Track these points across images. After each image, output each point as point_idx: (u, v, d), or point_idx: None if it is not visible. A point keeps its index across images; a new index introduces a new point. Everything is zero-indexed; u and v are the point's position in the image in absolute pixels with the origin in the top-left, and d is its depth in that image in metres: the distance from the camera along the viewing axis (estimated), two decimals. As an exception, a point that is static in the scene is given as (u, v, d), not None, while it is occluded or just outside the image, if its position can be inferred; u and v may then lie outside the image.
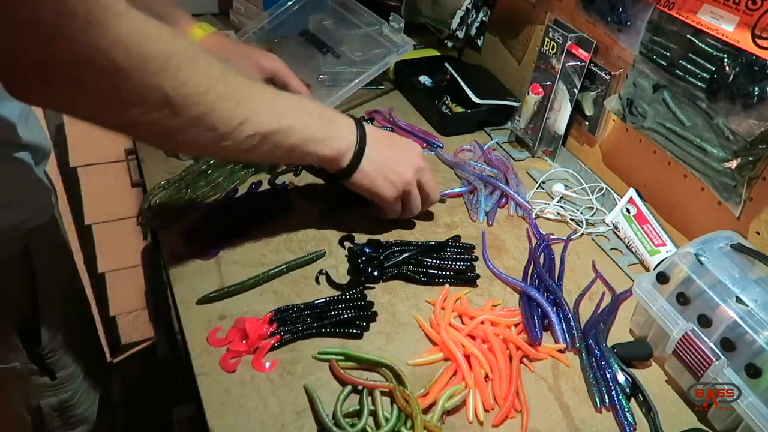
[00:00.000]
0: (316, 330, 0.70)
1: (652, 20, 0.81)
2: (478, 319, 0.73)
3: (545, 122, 1.05)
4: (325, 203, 0.90)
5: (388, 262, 0.80)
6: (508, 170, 1.02)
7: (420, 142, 1.10)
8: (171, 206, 0.86)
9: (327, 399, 0.62)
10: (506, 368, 0.68)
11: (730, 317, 0.63)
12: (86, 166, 1.60)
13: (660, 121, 0.83)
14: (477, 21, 1.23)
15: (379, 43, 1.12)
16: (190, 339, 0.68)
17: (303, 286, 0.77)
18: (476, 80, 1.17)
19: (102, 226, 1.72)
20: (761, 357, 0.59)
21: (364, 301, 0.75)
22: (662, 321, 0.68)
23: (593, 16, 0.92)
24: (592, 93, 0.98)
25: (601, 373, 0.69)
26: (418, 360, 0.69)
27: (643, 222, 0.88)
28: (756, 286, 0.64)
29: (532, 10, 1.11)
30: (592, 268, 0.86)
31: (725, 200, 0.76)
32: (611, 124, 0.97)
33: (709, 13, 0.72)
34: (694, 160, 0.79)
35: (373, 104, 1.21)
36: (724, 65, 0.71)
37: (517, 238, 0.90)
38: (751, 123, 0.69)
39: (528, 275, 0.82)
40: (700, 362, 0.63)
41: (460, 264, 0.81)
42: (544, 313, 0.75)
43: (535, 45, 1.10)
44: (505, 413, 0.64)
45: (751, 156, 0.71)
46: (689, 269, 0.68)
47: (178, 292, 0.74)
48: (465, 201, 0.96)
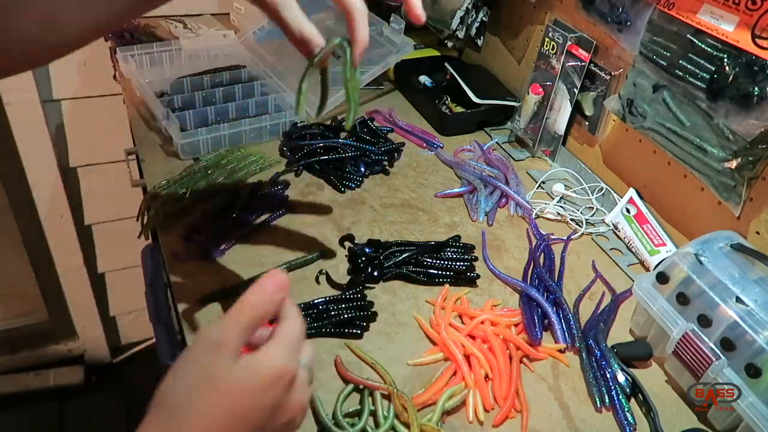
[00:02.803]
0: (316, 330, 0.70)
1: (652, 20, 0.81)
2: (478, 319, 0.73)
3: (545, 122, 1.05)
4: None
5: (388, 262, 0.80)
6: (508, 170, 1.02)
7: (420, 142, 1.10)
8: (171, 206, 0.86)
9: (327, 399, 0.62)
10: (506, 368, 0.68)
11: (730, 317, 0.63)
12: (86, 166, 1.61)
13: (660, 121, 0.83)
14: (477, 21, 1.23)
15: (380, 44, 1.11)
16: (190, 339, 0.68)
17: (303, 286, 0.77)
18: (476, 80, 1.17)
19: (102, 226, 1.72)
20: (761, 357, 0.59)
21: (364, 301, 0.75)
22: (662, 321, 0.68)
23: (593, 16, 0.92)
24: (592, 93, 0.98)
25: (601, 373, 0.69)
26: (418, 360, 0.69)
27: (643, 222, 0.88)
28: (756, 286, 0.64)
29: (532, 10, 1.11)
30: (592, 268, 0.86)
31: (725, 200, 0.76)
32: (611, 124, 0.97)
33: (709, 13, 0.72)
34: (694, 160, 0.79)
35: (373, 104, 1.21)
36: (724, 65, 0.71)
37: (517, 238, 0.90)
38: (751, 123, 0.69)
39: (528, 275, 0.82)
40: (700, 362, 0.63)
41: (460, 264, 0.81)
42: (544, 313, 0.75)
43: (535, 45, 1.10)
44: (505, 413, 0.64)
45: (751, 156, 0.71)
46: (689, 269, 0.68)
47: (178, 292, 0.74)
48: (465, 201, 0.96)
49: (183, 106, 1.02)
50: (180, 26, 1.34)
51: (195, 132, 0.95)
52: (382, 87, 1.27)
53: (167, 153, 0.98)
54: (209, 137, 0.97)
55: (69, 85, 1.48)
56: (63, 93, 1.48)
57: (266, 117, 1.02)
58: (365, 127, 1.07)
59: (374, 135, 1.06)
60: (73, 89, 1.48)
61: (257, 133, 1.02)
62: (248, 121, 1.00)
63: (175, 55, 1.16)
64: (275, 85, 1.09)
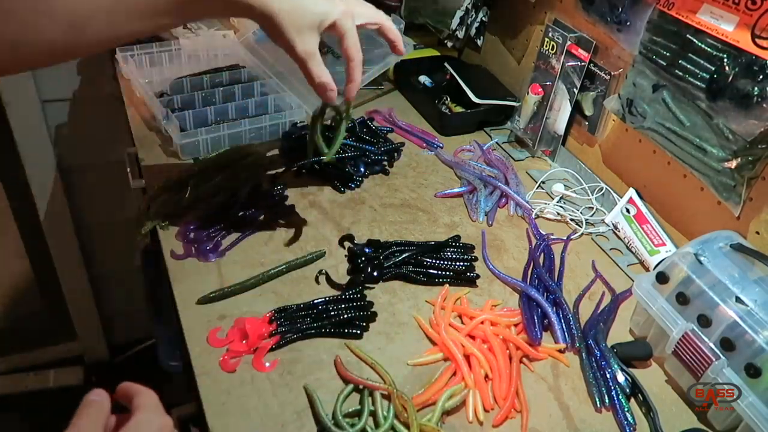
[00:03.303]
0: (315, 330, 0.70)
1: (652, 20, 0.81)
2: (478, 319, 0.73)
3: (545, 122, 1.05)
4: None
5: (388, 262, 0.80)
6: (508, 170, 1.02)
7: (419, 142, 1.10)
8: (171, 206, 0.86)
9: (327, 399, 0.62)
10: (506, 368, 0.68)
11: (729, 317, 0.63)
12: (86, 166, 1.61)
13: (660, 121, 0.83)
14: (477, 21, 1.23)
15: (380, 44, 1.11)
16: (190, 339, 0.68)
17: (303, 286, 0.77)
18: (476, 80, 1.17)
19: (102, 226, 1.72)
20: (761, 357, 0.59)
21: (364, 301, 0.75)
22: (662, 321, 0.68)
23: (593, 16, 0.92)
24: (592, 93, 0.98)
25: (601, 373, 0.69)
26: (418, 360, 0.69)
27: (642, 222, 0.88)
28: (756, 286, 0.64)
29: (532, 10, 1.11)
30: (591, 268, 0.86)
31: (725, 200, 0.76)
32: (611, 124, 0.97)
33: (709, 13, 0.72)
34: (694, 160, 0.79)
35: (373, 104, 1.21)
36: (724, 65, 0.71)
37: (517, 238, 0.90)
38: (751, 123, 0.69)
39: (528, 275, 0.82)
40: (700, 362, 0.63)
41: (460, 264, 0.81)
42: (544, 313, 0.75)
43: (535, 45, 1.10)
44: (505, 413, 0.64)
45: (751, 156, 0.71)
46: (689, 269, 0.68)
47: (178, 292, 0.74)
48: (465, 201, 0.96)
49: (183, 106, 1.02)
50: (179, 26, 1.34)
51: (195, 132, 0.95)
52: (381, 87, 1.27)
53: (167, 153, 0.98)
54: (209, 137, 0.97)
55: (69, 85, 1.48)
56: (63, 93, 1.48)
57: (266, 117, 1.02)
58: (365, 127, 1.07)
59: (374, 135, 1.06)
60: (73, 89, 1.49)
61: (257, 133, 1.02)
62: (248, 121, 1.00)
63: (174, 55, 1.16)
64: (275, 85, 1.09)
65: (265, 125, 1.02)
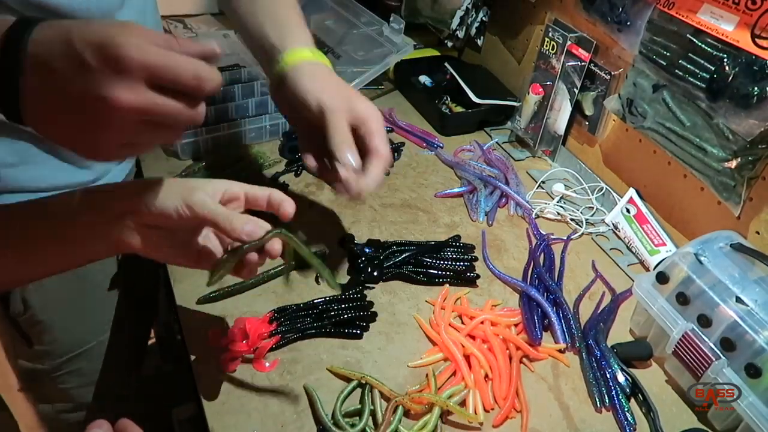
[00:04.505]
0: (316, 330, 0.70)
1: (652, 20, 0.81)
2: (478, 319, 0.72)
3: (545, 122, 1.05)
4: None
5: (388, 262, 0.80)
6: (508, 170, 1.02)
7: (420, 142, 1.10)
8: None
9: (327, 399, 0.62)
10: (506, 368, 0.68)
11: (730, 317, 0.63)
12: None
13: (660, 121, 0.83)
14: (477, 21, 1.23)
15: (379, 44, 1.12)
16: (189, 339, 0.69)
17: (303, 286, 0.77)
18: (476, 80, 1.17)
19: (102, 226, 1.71)
20: (761, 357, 0.59)
21: (364, 301, 0.75)
22: (662, 321, 0.68)
23: (593, 16, 0.92)
24: (592, 93, 0.98)
25: (601, 373, 0.69)
26: (419, 362, 0.69)
27: (643, 222, 0.88)
28: (756, 286, 0.64)
29: (532, 10, 1.11)
30: (592, 268, 0.86)
31: (725, 200, 0.76)
32: (611, 124, 0.97)
33: (709, 12, 0.72)
34: (694, 160, 0.79)
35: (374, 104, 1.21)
36: (724, 65, 0.71)
37: (517, 238, 0.90)
38: (751, 123, 0.69)
39: (528, 275, 0.82)
40: (700, 362, 0.63)
41: (460, 264, 0.81)
42: (544, 313, 0.75)
43: (535, 45, 1.10)
44: (505, 413, 0.64)
45: (751, 156, 0.71)
46: (689, 269, 0.68)
47: (178, 292, 0.74)
48: (465, 201, 0.96)
49: (183, 106, 1.02)
50: (180, 26, 1.34)
51: (195, 132, 0.95)
52: (382, 87, 1.27)
53: (167, 153, 0.98)
54: (209, 137, 0.97)
55: (69, 85, 1.47)
56: (63, 93, 1.48)
57: (266, 117, 1.02)
58: (365, 127, 1.07)
59: (374, 135, 1.05)
60: (73, 89, 1.48)
61: (257, 133, 1.02)
62: (248, 121, 1.00)
63: (174, 55, 1.16)
64: (275, 85, 1.09)
65: (265, 125, 1.02)
